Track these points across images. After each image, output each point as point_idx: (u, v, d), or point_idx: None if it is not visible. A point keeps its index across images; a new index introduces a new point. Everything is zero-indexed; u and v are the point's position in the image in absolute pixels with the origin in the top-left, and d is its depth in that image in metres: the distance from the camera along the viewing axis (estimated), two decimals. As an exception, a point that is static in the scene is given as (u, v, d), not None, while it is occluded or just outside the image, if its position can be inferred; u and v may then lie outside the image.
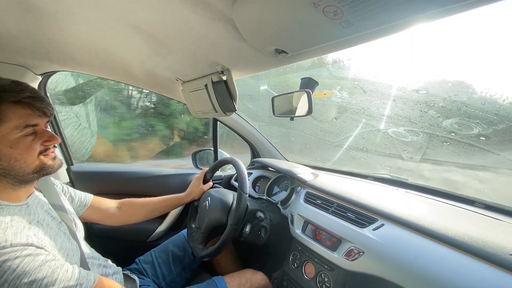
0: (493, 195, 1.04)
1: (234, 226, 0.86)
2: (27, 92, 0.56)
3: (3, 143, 0.53)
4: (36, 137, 0.58)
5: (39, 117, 0.59)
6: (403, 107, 1.94)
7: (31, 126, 0.57)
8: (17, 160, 0.55)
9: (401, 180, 1.12)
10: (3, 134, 0.53)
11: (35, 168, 0.58)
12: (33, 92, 0.58)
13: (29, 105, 0.57)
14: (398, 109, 1.97)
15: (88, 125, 2.12)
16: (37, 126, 0.59)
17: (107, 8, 0.56)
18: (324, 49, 0.56)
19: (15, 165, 0.55)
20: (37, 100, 0.58)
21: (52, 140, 0.61)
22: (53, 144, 0.62)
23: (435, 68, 1.93)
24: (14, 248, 0.46)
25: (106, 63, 0.96)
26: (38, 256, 0.47)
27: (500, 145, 1.64)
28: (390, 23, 0.41)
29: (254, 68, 0.80)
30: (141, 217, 0.99)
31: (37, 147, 0.58)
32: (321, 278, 0.83)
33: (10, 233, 0.48)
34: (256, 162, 1.53)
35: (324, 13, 0.41)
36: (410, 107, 1.91)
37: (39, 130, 0.59)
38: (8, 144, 0.54)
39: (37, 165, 0.58)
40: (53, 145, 0.62)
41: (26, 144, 0.56)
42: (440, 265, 0.59)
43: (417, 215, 0.74)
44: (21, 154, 0.55)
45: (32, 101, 0.57)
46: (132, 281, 0.86)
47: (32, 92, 0.58)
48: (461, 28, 1.38)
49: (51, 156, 0.62)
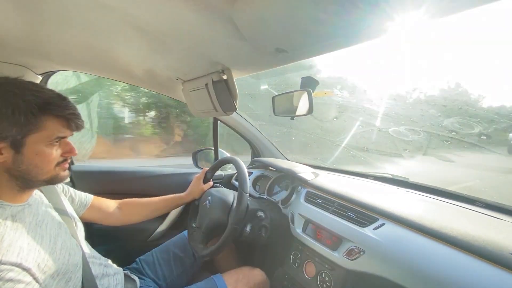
0: (493, 194, 1.04)
1: (234, 225, 0.86)
2: (71, 109, 0.59)
3: (30, 149, 0.54)
4: (59, 147, 0.60)
5: (70, 131, 0.61)
6: (404, 106, 1.94)
7: (61, 137, 0.59)
8: (36, 166, 0.56)
9: (402, 179, 1.12)
10: (35, 141, 0.54)
11: (49, 177, 0.59)
12: (74, 109, 0.60)
13: (68, 120, 0.59)
14: (399, 108, 1.97)
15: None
16: (65, 138, 0.60)
17: (108, 8, 0.56)
18: (325, 47, 0.56)
19: (32, 171, 0.56)
20: (77, 117, 0.60)
21: (72, 152, 0.63)
22: (70, 156, 0.63)
23: (435, 68, 1.94)
24: (0, 267, 0.45)
25: (106, 63, 0.96)
26: (18, 284, 0.47)
27: (501, 144, 1.64)
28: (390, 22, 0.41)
29: (255, 67, 0.80)
30: (142, 217, 0.99)
31: (57, 157, 0.60)
32: (321, 277, 0.83)
33: (5, 245, 0.48)
34: (257, 162, 1.53)
35: (324, 12, 0.41)
36: (411, 106, 1.91)
37: (63, 141, 0.61)
38: (34, 151, 0.55)
39: (51, 175, 0.60)
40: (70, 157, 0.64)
41: (49, 152, 0.57)
42: (441, 264, 0.58)
43: (418, 214, 0.73)
44: (42, 162, 0.57)
45: (74, 117, 0.59)
46: (132, 281, 0.86)
47: (74, 108, 0.60)
48: (462, 28, 1.39)
49: (64, 168, 0.63)
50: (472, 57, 2.77)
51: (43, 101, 0.54)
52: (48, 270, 0.54)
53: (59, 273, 0.57)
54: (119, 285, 0.78)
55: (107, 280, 0.74)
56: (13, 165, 0.54)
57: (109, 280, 0.75)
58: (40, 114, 0.54)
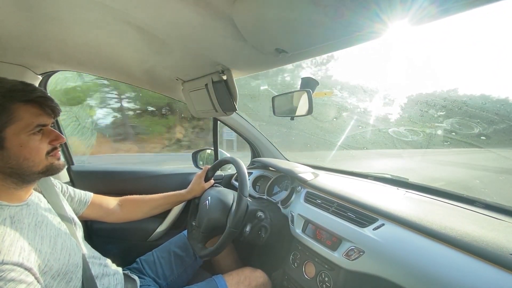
0: (493, 194, 1.04)
1: (233, 229, 0.85)
2: (38, 92, 0.57)
3: (13, 142, 0.54)
4: (43, 136, 0.59)
5: (48, 117, 0.60)
6: (404, 107, 1.94)
7: (41, 126, 0.58)
8: (26, 159, 0.56)
9: (402, 179, 1.12)
10: (14, 133, 0.54)
11: (43, 168, 0.59)
12: (42, 93, 0.59)
13: (40, 105, 0.58)
14: (399, 109, 1.97)
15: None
16: (45, 126, 0.59)
17: (108, 8, 0.56)
18: (324, 48, 0.56)
19: (23, 164, 0.56)
20: (48, 100, 0.59)
21: (59, 139, 0.62)
22: (59, 144, 0.63)
23: (435, 67, 1.94)
24: (2, 267, 0.45)
25: (106, 63, 0.96)
26: (20, 284, 0.46)
27: (500, 145, 1.64)
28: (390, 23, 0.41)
29: (255, 67, 0.80)
30: (143, 214, 0.99)
31: (45, 146, 0.59)
32: (321, 277, 0.83)
33: (6, 245, 0.48)
34: (257, 162, 1.53)
35: (324, 13, 0.41)
36: (410, 106, 1.92)
37: (46, 130, 0.60)
38: (18, 143, 0.54)
39: (45, 165, 0.59)
40: (59, 145, 0.63)
41: (35, 143, 0.57)
42: (440, 265, 0.58)
43: (418, 215, 0.73)
44: (30, 153, 0.56)
45: (43, 100, 0.58)
46: (132, 281, 0.86)
47: (42, 92, 0.59)
48: (461, 28, 1.39)
49: (57, 157, 0.63)
50: (471, 57, 2.77)
51: (6, 89, 0.53)
52: (49, 271, 0.54)
53: (60, 274, 0.57)
54: (119, 284, 0.78)
55: (107, 280, 0.74)
56: (2, 162, 0.54)
57: (109, 280, 0.75)
58: (8, 103, 0.53)
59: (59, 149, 0.64)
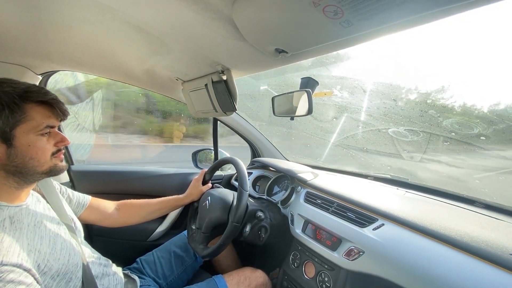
0: (493, 194, 1.04)
1: (235, 223, 0.85)
2: (51, 95, 0.60)
3: (22, 141, 0.55)
4: (50, 137, 0.61)
5: (57, 119, 0.61)
6: (404, 107, 1.94)
7: (50, 127, 0.59)
8: (31, 158, 0.56)
9: (402, 180, 1.12)
10: (24, 132, 0.55)
11: (47, 169, 0.60)
12: (55, 96, 0.61)
13: (52, 106, 0.59)
14: (398, 109, 1.97)
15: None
16: (53, 127, 0.61)
17: (107, 8, 0.56)
18: (324, 48, 0.56)
19: (28, 163, 0.56)
20: (59, 103, 0.61)
21: (64, 141, 0.63)
22: (63, 146, 0.64)
23: (435, 67, 1.94)
24: (1, 268, 0.45)
25: (106, 63, 0.96)
26: (19, 285, 0.46)
27: (500, 145, 1.64)
28: (390, 23, 0.41)
29: (254, 67, 0.80)
30: (140, 218, 0.99)
31: (51, 147, 0.60)
32: (321, 277, 0.83)
33: (5, 246, 0.48)
34: (256, 162, 1.53)
35: (324, 13, 0.41)
36: (410, 106, 1.92)
37: (53, 131, 0.61)
38: (26, 142, 0.55)
39: (48, 166, 0.60)
40: (63, 147, 0.64)
41: (42, 143, 0.58)
42: (440, 265, 0.59)
43: (418, 215, 0.73)
44: (37, 153, 0.57)
45: (55, 103, 0.60)
46: (132, 281, 0.86)
47: (54, 95, 0.61)
48: (462, 28, 1.39)
49: (61, 158, 0.64)
50: (471, 57, 2.77)
51: (22, 90, 0.55)
52: (48, 271, 0.54)
53: (60, 274, 0.57)
54: (119, 284, 0.78)
55: (107, 280, 0.74)
56: (8, 160, 0.54)
57: (109, 279, 0.75)
58: (23, 102, 0.55)
59: (63, 151, 0.65)
